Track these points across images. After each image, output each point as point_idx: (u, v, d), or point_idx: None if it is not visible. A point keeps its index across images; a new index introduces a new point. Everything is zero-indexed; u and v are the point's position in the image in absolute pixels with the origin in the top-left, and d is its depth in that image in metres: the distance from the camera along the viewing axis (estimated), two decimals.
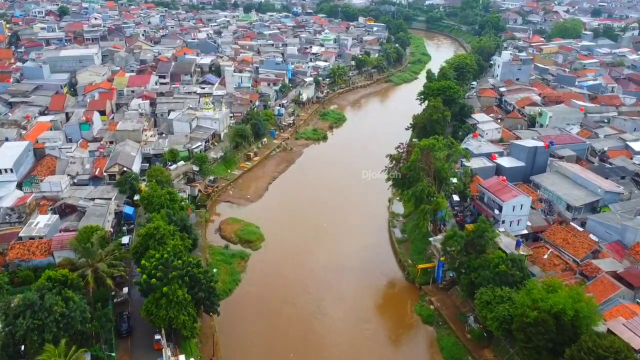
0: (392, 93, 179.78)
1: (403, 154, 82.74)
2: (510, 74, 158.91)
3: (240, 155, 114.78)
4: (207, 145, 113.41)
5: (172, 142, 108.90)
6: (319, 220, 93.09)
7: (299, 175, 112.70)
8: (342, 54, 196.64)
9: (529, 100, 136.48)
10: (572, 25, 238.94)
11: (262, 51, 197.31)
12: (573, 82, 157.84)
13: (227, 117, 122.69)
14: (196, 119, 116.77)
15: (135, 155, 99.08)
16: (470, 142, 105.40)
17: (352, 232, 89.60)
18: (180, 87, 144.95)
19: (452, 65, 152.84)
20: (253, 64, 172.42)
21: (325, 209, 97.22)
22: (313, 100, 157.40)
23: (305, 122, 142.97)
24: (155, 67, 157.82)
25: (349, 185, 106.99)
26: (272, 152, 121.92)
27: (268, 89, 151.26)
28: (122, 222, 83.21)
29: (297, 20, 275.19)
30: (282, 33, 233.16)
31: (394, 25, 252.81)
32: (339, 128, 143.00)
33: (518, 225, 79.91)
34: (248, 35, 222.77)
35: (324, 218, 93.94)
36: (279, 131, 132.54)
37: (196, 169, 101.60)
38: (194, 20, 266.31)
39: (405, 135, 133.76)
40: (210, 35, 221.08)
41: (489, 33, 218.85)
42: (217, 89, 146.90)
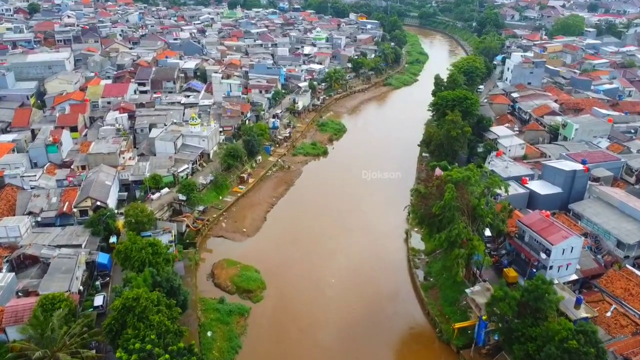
0: (393, 98, 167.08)
1: (432, 189, 69.72)
2: (521, 77, 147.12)
3: (233, 178, 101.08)
4: (194, 168, 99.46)
5: (154, 165, 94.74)
6: (327, 261, 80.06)
7: (300, 199, 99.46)
8: (337, 55, 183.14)
9: (547, 108, 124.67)
10: (574, 22, 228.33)
11: (250, 52, 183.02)
12: (588, 86, 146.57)
13: (216, 133, 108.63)
14: (181, 136, 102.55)
15: (111, 184, 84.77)
16: (495, 163, 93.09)
17: (368, 276, 76.84)
18: (163, 96, 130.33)
19: (460, 70, 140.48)
20: (242, 68, 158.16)
21: (332, 243, 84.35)
22: (309, 108, 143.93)
23: (302, 134, 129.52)
24: (134, 72, 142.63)
25: (357, 212, 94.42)
26: (268, 172, 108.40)
27: (260, 96, 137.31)
28: (95, 273, 69.13)
29: (285, 17, 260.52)
30: (271, 32, 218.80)
31: (388, 22, 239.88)
32: (340, 140, 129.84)
33: (567, 270, 68.00)
34: (234, 34, 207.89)
35: (331, 257, 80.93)
36: (275, 146, 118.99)
37: (183, 199, 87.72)
38: (175, 18, 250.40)
39: (412, 148, 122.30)
40: (194, 35, 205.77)
41: (492, 32, 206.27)
42: (204, 97, 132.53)
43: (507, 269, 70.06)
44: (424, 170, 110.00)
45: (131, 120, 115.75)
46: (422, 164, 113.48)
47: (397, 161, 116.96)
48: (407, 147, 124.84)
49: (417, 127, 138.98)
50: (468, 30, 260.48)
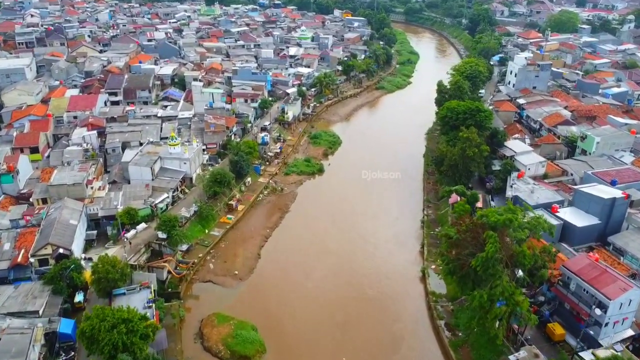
0: (387, 103, 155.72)
1: (465, 234, 58.40)
2: (526, 81, 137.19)
3: (220, 207, 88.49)
4: (175, 196, 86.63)
5: (128, 196, 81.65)
6: (334, 312, 68.45)
7: (297, 230, 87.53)
8: (325, 56, 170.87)
9: (560, 117, 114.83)
10: (568, 18, 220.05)
11: (231, 54, 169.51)
12: (596, 89, 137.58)
13: (199, 153, 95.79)
14: (159, 159, 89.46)
15: (76, 223, 71.58)
16: (518, 186, 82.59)
17: (386, 331, 65.43)
18: (137, 108, 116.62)
19: (462, 74, 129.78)
20: (223, 73, 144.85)
21: (337, 289, 72.72)
22: (299, 117, 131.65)
23: (294, 149, 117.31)
24: (104, 80, 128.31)
25: (362, 244, 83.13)
26: (259, 197, 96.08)
27: (245, 106, 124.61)
28: (56, 346, 56.21)
29: (266, 14, 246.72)
30: (252, 30, 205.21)
31: (375, 20, 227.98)
32: (335, 154, 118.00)
33: (622, 325, 57.86)
34: (213, 34, 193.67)
35: (339, 308, 69.27)
36: (265, 164, 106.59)
37: (163, 237, 75.02)
38: (149, 16, 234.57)
39: (415, 161, 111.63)
40: (170, 35, 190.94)
41: (487, 31, 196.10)
42: (183, 108, 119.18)
43: (551, 325, 59.67)
44: (432, 191, 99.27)
45: (101, 138, 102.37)
46: (429, 182, 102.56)
47: (399, 178, 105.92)
48: (409, 160, 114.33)
49: (417, 136, 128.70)
50: (458, 27, 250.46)
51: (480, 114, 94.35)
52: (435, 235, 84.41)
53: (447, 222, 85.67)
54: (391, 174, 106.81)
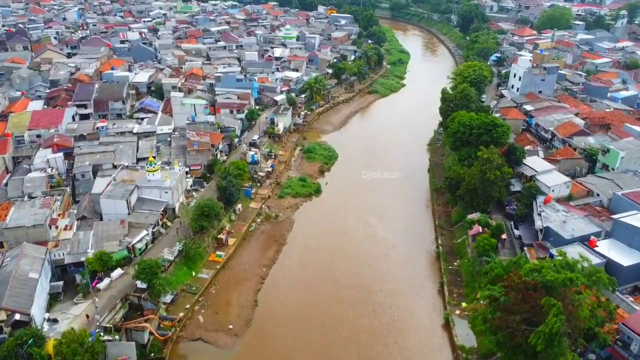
0: (382, 108, 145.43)
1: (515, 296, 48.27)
2: (532, 85, 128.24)
3: (208, 242, 77.20)
4: (156, 232, 75.02)
5: (100, 235, 69.81)
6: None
7: (297, 267, 76.76)
8: (314, 58, 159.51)
9: (574, 126, 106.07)
10: (561, 15, 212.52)
11: (212, 56, 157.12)
12: (605, 93, 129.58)
13: (182, 178, 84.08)
14: (136, 189, 77.61)
15: (37, 276, 59.71)
16: (548, 215, 73.20)
17: None
18: (110, 123, 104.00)
19: (465, 79, 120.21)
20: (205, 79, 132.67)
21: (347, 340, 62.65)
22: (290, 129, 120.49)
23: (286, 165, 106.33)
24: (72, 90, 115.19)
25: (371, 280, 73.12)
26: (251, 226, 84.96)
27: (231, 118, 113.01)
28: None
29: (247, 11, 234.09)
30: (233, 29, 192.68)
31: (363, 17, 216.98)
32: (332, 170, 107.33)
33: None
34: (191, 33, 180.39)
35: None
36: (256, 186, 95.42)
37: (143, 287, 63.60)
38: (121, 13, 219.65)
39: (419, 176, 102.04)
40: (145, 35, 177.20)
41: (483, 29, 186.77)
42: (161, 121, 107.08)
43: None
44: (443, 214, 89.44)
45: (68, 160, 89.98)
46: (439, 203, 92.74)
47: (404, 198, 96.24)
48: (413, 176, 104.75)
49: (418, 147, 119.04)
50: (447, 24, 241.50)
51: (497, 130, 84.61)
52: (455, 270, 74.79)
53: (466, 254, 76.21)
54: (394, 194, 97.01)
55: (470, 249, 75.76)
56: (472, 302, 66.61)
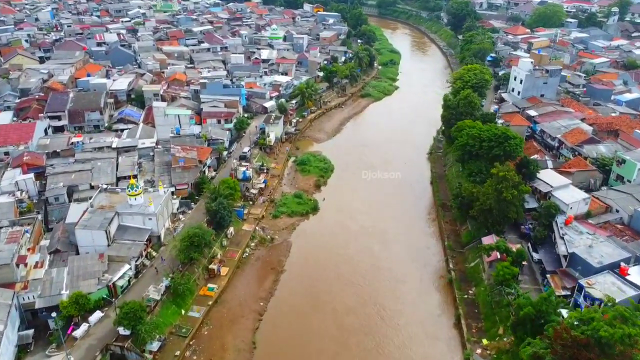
0: (376, 113, 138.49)
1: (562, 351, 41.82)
2: (534, 89, 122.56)
3: (198, 273, 69.57)
4: (139, 264, 67.17)
5: (76, 273, 61.80)
6: None
7: (297, 299, 69.58)
8: (303, 60, 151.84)
9: (582, 133, 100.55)
10: (553, 12, 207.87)
11: (196, 59, 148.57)
12: (608, 96, 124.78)
13: (167, 201, 76.15)
14: (117, 216, 69.59)
15: (2, 328, 51.60)
16: (572, 239, 67.11)
17: None
18: (86, 137, 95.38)
19: (467, 83, 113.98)
20: (189, 85, 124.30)
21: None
22: (282, 138, 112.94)
23: (279, 180, 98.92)
24: (45, 100, 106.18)
25: (380, 316, 66.15)
26: (245, 252, 77.49)
27: (219, 129, 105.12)
28: None
29: (230, 9, 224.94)
30: (217, 29, 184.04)
31: (351, 15, 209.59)
32: (328, 183, 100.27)
33: None
34: (173, 34, 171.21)
35: None
36: (249, 205, 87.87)
37: (126, 334, 55.92)
38: (98, 13, 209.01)
39: (423, 189, 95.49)
40: (123, 37, 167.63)
41: (477, 28, 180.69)
42: (143, 134, 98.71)
43: None
44: (452, 233, 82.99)
45: (40, 181, 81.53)
46: (446, 221, 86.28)
47: (407, 213, 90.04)
48: (415, 189, 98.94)
49: (418, 156, 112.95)
50: (436, 22, 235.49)
51: (509, 143, 78.31)
52: (470, 300, 68.41)
53: (481, 281, 69.89)
54: (396, 210, 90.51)
55: (487, 276, 69.51)
56: (495, 339, 60.47)
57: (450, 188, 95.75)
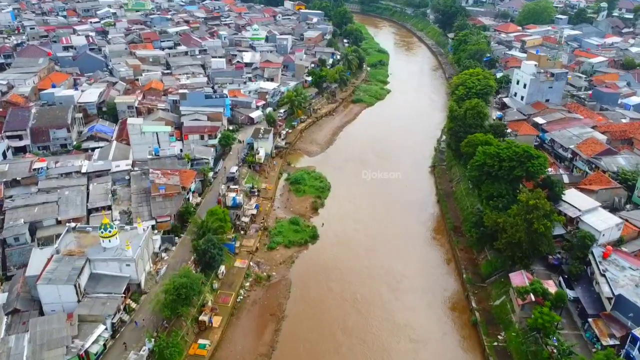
0: (370, 120, 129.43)
1: None
2: (539, 93, 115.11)
3: (187, 327, 59.52)
4: (116, 322, 56.71)
5: (39, 341, 51.10)
6: None
7: (302, 355, 60.01)
8: (289, 64, 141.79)
9: (597, 144, 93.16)
10: (543, 8, 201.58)
11: (172, 64, 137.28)
12: (615, 100, 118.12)
13: (148, 240, 65.65)
14: (88, 263, 58.94)
15: None
16: (615, 277, 59.11)
17: None
18: (50, 161, 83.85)
19: (470, 90, 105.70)
20: (167, 95, 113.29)
21: None
22: (272, 153, 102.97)
23: (272, 203, 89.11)
24: (3, 117, 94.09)
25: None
26: (240, 294, 67.67)
27: (202, 146, 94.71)
28: None
29: (206, 8, 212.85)
30: (193, 30, 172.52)
31: (336, 13, 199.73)
32: (326, 205, 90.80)
33: None
34: (147, 36, 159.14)
35: None
36: (240, 236, 77.89)
37: None
38: (64, 13, 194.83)
39: (430, 209, 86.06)
40: (93, 39, 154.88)
41: (468, 27, 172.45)
42: (117, 154, 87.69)
43: None
44: (469, 263, 74.49)
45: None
46: (461, 248, 77.77)
47: (416, 240, 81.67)
48: (421, 209, 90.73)
49: (418, 167, 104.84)
50: (422, 19, 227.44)
51: (533, 162, 69.99)
52: (501, 348, 59.96)
53: (511, 324, 61.55)
54: (402, 235, 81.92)
55: (517, 318, 61.15)
56: None
57: (460, 208, 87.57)
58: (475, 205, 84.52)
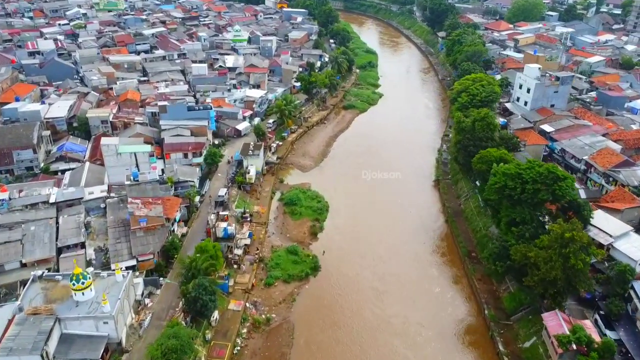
0: (364, 128, 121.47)
1: None
2: (543, 98, 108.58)
3: None
4: None
5: None
6: None
7: None
8: (275, 68, 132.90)
9: (613, 155, 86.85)
10: (533, 5, 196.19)
11: (150, 71, 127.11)
12: (622, 103, 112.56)
13: (129, 288, 56.52)
14: (57, 323, 49.74)
15: None
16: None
17: None
18: (13, 189, 73.73)
19: (474, 98, 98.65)
20: (145, 106, 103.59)
21: None
22: (263, 170, 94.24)
23: (265, 228, 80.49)
24: None
25: None
26: (236, 345, 59.17)
27: (186, 165, 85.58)
28: None
29: (184, 7, 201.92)
30: (171, 32, 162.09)
31: (321, 12, 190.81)
32: (326, 228, 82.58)
33: None
34: (120, 39, 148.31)
35: None
36: (234, 272, 69.22)
37: None
38: (30, 13, 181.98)
39: (437, 229, 78.18)
40: (62, 44, 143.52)
41: (459, 25, 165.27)
42: (90, 177, 78.27)
43: None
44: (490, 296, 67.23)
45: None
46: (478, 278, 70.48)
47: (427, 268, 74.35)
48: (427, 229, 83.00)
49: (421, 182, 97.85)
50: (409, 16, 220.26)
51: (560, 185, 62.90)
52: None
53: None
54: (410, 262, 74.61)
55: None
56: None
57: (472, 229, 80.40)
58: (488, 226, 77.59)
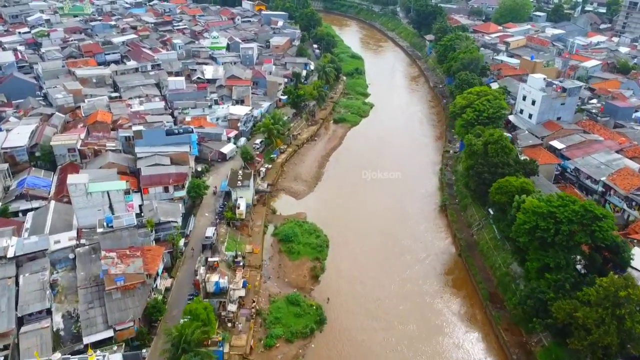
0: (357, 144, 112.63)
1: None
2: (550, 111, 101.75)
3: None
4: None
5: None
6: None
7: None
8: (259, 80, 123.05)
9: (633, 175, 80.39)
10: (521, 5, 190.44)
11: (121, 86, 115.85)
12: (630, 114, 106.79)
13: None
14: None
15: None
16: None
17: None
18: None
19: (481, 114, 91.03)
20: (117, 129, 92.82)
21: None
22: (253, 201, 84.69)
23: (261, 273, 71.13)
24: None
25: None
26: None
27: (166, 201, 75.59)
28: None
29: (156, 11, 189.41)
30: (143, 39, 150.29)
31: (302, 16, 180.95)
32: (329, 269, 73.73)
33: None
34: (88, 49, 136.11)
35: None
36: (229, 332, 59.80)
37: None
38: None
39: (448, 261, 70.35)
40: (22, 55, 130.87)
41: (450, 29, 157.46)
42: (56, 220, 67.85)
43: None
44: (521, 351, 59.46)
45: None
46: (505, 328, 62.58)
47: (444, 316, 66.24)
48: (438, 265, 75.34)
49: (425, 208, 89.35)
50: (392, 18, 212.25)
51: (599, 224, 55.39)
52: None
53: None
54: (423, 306, 66.79)
55: None
56: None
57: (489, 266, 72.63)
58: (508, 263, 69.98)
